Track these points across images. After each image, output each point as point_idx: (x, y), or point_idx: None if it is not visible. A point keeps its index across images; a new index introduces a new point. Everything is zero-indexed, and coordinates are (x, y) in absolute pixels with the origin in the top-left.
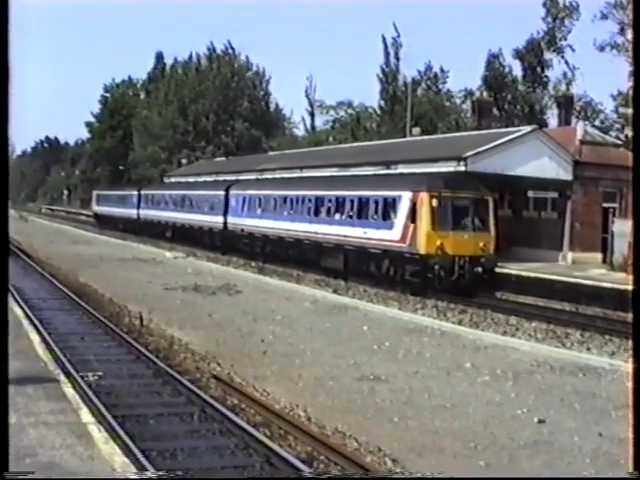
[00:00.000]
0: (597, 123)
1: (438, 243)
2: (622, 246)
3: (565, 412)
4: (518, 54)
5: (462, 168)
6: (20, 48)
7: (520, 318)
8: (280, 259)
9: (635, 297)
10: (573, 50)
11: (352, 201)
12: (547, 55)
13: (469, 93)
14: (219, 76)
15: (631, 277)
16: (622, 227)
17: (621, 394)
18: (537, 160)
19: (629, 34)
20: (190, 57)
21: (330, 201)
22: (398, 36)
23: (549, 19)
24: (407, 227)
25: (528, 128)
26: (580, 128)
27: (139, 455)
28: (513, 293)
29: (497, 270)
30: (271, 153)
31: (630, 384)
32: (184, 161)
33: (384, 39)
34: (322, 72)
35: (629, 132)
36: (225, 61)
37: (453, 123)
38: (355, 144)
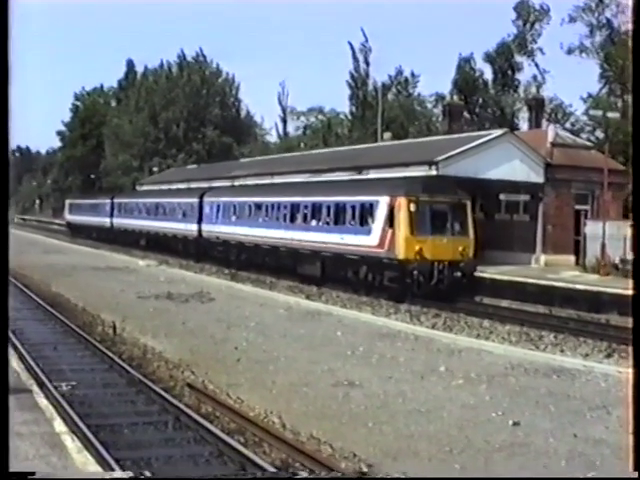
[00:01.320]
0: (568, 125)
1: (417, 248)
2: (594, 248)
3: (540, 414)
4: (489, 57)
5: (434, 172)
6: None
7: (494, 321)
8: (256, 266)
9: (635, 303)
10: (543, 53)
11: (328, 207)
12: (517, 58)
13: (440, 97)
14: (189, 83)
15: (604, 278)
16: (594, 229)
17: (595, 395)
18: (508, 163)
19: (598, 36)
20: (161, 65)
21: (306, 207)
22: (366, 41)
23: (520, 22)
24: (385, 232)
25: (499, 131)
26: (551, 131)
27: (113, 464)
28: (487, 296)
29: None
30: (242, 160)
31: (630, 386)
32: (155, 169)
33: (351, 45)
34: (293, 79)
35: (600, 134)
36: (195, 69)
37: (424, 127)
38: (326, 150)
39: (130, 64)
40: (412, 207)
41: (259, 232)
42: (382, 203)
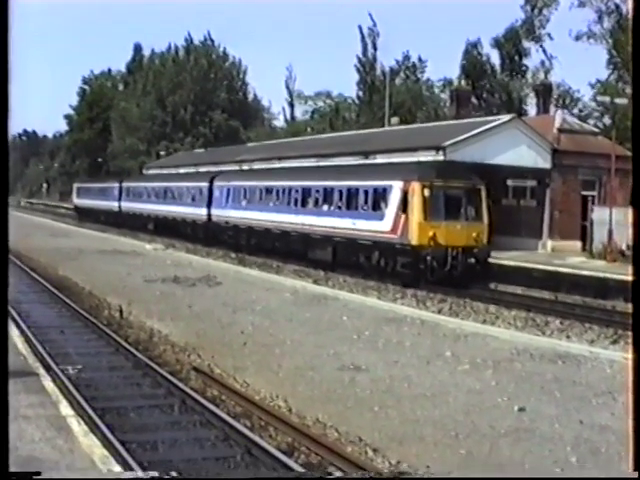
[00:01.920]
0: (575, 111)
1: (430, 234)
2: (601, 234)
3: (545, 400)
4: (497, 43)
5: (441, 157)
6: None
7: (500, 306)
8: (266, 251)
9: (635, 290)
10: (552, 39)
11: (340, 192)
12: (525, 44)
13: (448, 82)
14: (196, 67)
15: (611, 264)
16: (601, 215)
17: (601, 382)
18: (515, 149)
19: (606, 22)
20: (168, 49)
21: (317, 192)
22: (374, 25)
23: (528, 8)
24: (398, 218)
25: (506, 117)
26: (558, 116)
27: (119, 447)
28: (494, 282)
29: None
30: (250, 144)
31: (630, 383)
32: (162, 152)
33: (360, 29)
34: (301, 63)
35: (608, 120)
36: (202, 52)
37: (432, 112)
38: (334, 134)
39: (138, 48)
40: (426, 192)
41: (270, 217)
42: (395, 188)
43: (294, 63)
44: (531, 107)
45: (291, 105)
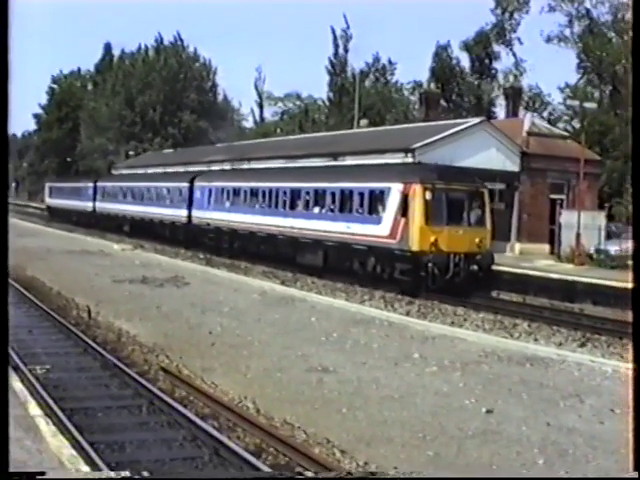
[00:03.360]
0: (545, 115)
1: (432, 239)
2: (569, 237)
3: (513, 402)
4: (466, 46)
5: (410, 159)
6: None
7: (467, 309)
8: (250, 255)
9: (635, 297)
10: (521, 43)
11: (333, 194)
12: (496, 47)
13: (417, 85)
14: (166, 67)
15: (579, 267)
16: (569, 218)
17: (569, 384)
18: (484, 151)
19: (576, 26)
20: (138, 49)
21: (308, 194)
22: (348, 28)
23: (498, 11)
24: (397, 222)
25: (476, 120)
26: (527, 120)
27: (87, 447)
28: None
29: None
30: (219, 145)
31: (630, 385)
32: (131, 153)
33: (333, 30)
34: (271, 64)
35: (577, 124)
36: (172, 53)
37: (401, 115)
38: (303, 135)
39: (107, 47)
40: (427, 195)
41: (255, 219)
42: (394, 190)
43: (264, 64)
44: (500, 110)
45: (260, 106)
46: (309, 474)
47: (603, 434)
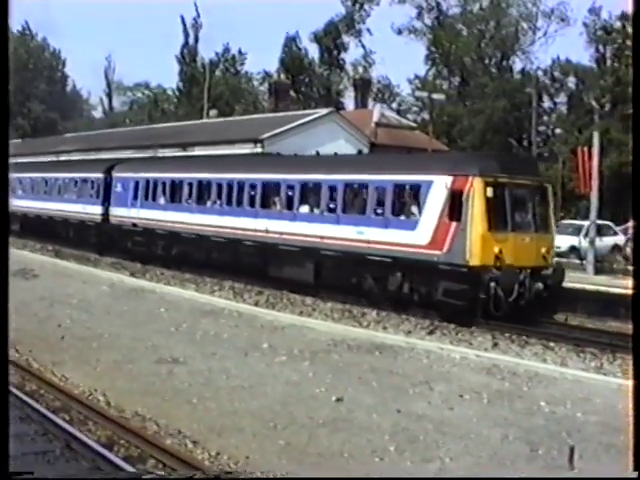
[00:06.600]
0: (395, 106)
1: (496, 250)
2: None
3: (363, 390)
4: (316, 37)
5: (259, 150)
6: None
7: (316, 299)
8: (196, 264)
9: (635, 308)
10: (371, 34)
11: (333, 188)
12: (345, 38)
13: (267, 75)
14: (14, 57)
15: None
16: None
17: (418, 371)
18: (334, 142)
19: (426, 18)
20: None
21: (292, 188)
22: (198, 17)
23: (348, 3)
24: (444, 227)
25: (324, 110)
26: (376, 111)
27: None
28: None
29: None
30: (68, 135)
31: (630, 383)
32: None
33: (183, 20)
34: (123, 54)
35: (426, 115)
36: (21, 42)
37: (250, 105)
38: (153, 125)
39: None
40: (489, 192)
41: (206, 219)
42: (438, 185)
43: (115, 54)
44: (350, 101)
45: (109, 96)
46: (160, 473)
47: (452, 419)
